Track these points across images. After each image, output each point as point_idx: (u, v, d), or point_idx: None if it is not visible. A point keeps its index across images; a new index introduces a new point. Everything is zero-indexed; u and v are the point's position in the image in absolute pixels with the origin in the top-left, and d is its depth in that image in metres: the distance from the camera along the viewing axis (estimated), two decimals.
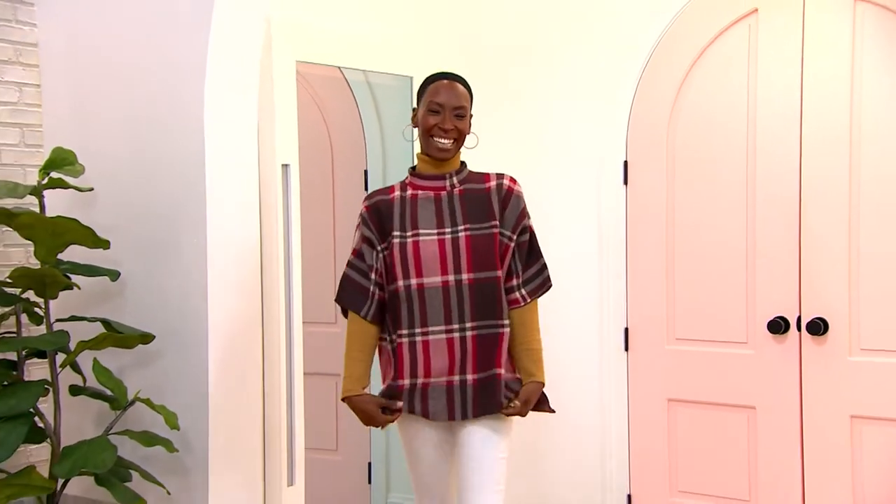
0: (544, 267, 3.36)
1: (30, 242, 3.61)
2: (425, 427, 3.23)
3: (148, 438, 3.52)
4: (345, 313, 3.30)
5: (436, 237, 3.13)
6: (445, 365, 3.12)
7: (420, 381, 3.13)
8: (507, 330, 3.19)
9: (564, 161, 5.11)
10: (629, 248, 4.91)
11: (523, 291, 3.27)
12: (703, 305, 4.73)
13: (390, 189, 3.27)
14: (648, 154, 4.84)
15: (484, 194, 3.23)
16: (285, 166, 4.32)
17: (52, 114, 4.03)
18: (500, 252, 3.20)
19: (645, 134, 4.85)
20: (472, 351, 3.13)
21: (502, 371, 3.17)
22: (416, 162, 3.35)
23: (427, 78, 3.30)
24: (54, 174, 3.54)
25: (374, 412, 3.17)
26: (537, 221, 5.11)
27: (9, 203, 3.65)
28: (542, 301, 4.97)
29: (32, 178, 3.88)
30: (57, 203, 3.76)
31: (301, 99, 4.89)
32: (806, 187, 4.40)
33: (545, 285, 3.35)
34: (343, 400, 3.23)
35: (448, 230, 3.15)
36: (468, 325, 3.12)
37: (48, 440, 3.49)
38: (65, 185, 3.53)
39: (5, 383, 3.38)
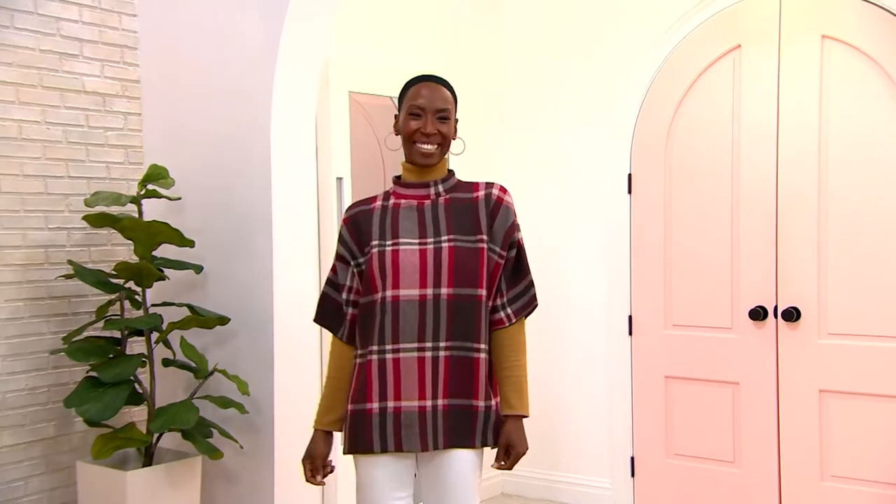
0: (531, 285, 2.71)
1: (130, 242, 3.63)
2: (387, 459, 2.54)
3: (224, 402, 3.56)
4: (323, 327, 2.80)
5: (417, 247, 2.54)
6: (415, 387, 2.49)
7: (391, 404, 2.49)
8: (483, 356, 2.55)
9: (578, 173, 5.11)
10: (632, 247, 4.92)
11: (508, 311, 2.64)
12: (695, 296, 4.73)
13: (372, 199, 2.70)
14: (649, 168, 4.85)
15: (471, 204, 2.61)
16: (339, 179, 4.39)
17: (150, 137, 4.08)
18: (489, 270, 2.58)
19: (646, 151, 4.86)
20: (443, 374, 2.50)
21: (480, 403, 2.52)
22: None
23: (408, 81, 2.71)
24: (150, 186, 3.58)
25: (315, 464, 2.66)
26: (555, 226, 5.22)
27: (115, 210, 3.71)
28: (557, 294, 5.06)
29: (133, 190, 3.88)
30: (152, 210, 3.81)
31: (357, 122, 4.95)
32: (781, 197, 4.44)
33: (531, 304, 2.70)
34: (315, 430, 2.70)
35: (430, 240, 2.55)
36: (442, 344, 2.50)
37: (145, 402, 3.54)
38: (158, 195, 3.58)
39: (111, 356, 3.45)
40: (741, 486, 4.59)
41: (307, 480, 2.66)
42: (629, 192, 4.92)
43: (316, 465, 2.65)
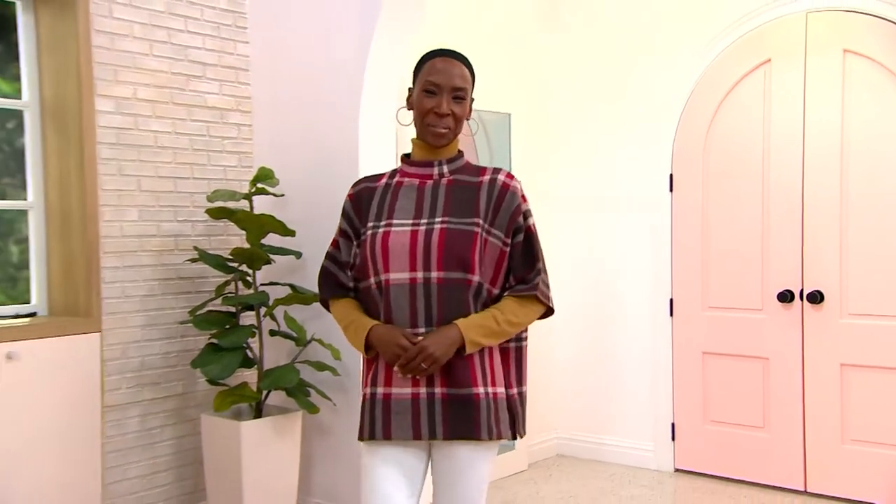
0: (538, 273, 2.22)
1: (243, 231, 3.80)
2: (388, 450, 2.17)
3: (320, 366, 3.63)
4: (325, 304, 2.35)
5: (409, 228, 2.14)
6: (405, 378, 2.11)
7: (380, 390, 2.13)
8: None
9: (625, 174, 5.09)
10: (673, 238, 4.89)
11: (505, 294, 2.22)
12: (728, 281, 4.70)
13: (380, 177, 2.31)
14: (688, 169, 4.83)
15: (473, 188, 2.19)
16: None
17: (259, 144, 4.15)
18: (491, 257, 2.16)
19: (686, 153, 4.83)
20: None
21: (481, 390, 2.11)
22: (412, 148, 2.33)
23: (424, 55, 2.28)
24: (260, 185, 3.71)
25: (399, 333, 2.09)
26: (605, 221, 5.24)
27: (231, 205, 3.93)
28: (608, 281, 5.07)
29: (245, 188, 4.07)
30: (261, 204, 4.00)
31: None
32: (807, 193, 4.39)
33: (531, 290, 2.19)
34: (368, 336, 2.15)
35: (424, 221, 2.15)
36: (434, 330, 2.11)
37: (255, 365, 3.68)
38: (266, 193, 3.69)
39: (227, 327, 3.59)
40: (769, 449, 4.56)
41: (401, 365, 2.07)
42: (671, 190, 4.89)
43: (401, 343, 2.08)
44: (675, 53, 4.86)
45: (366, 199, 2.27)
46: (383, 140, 3.92)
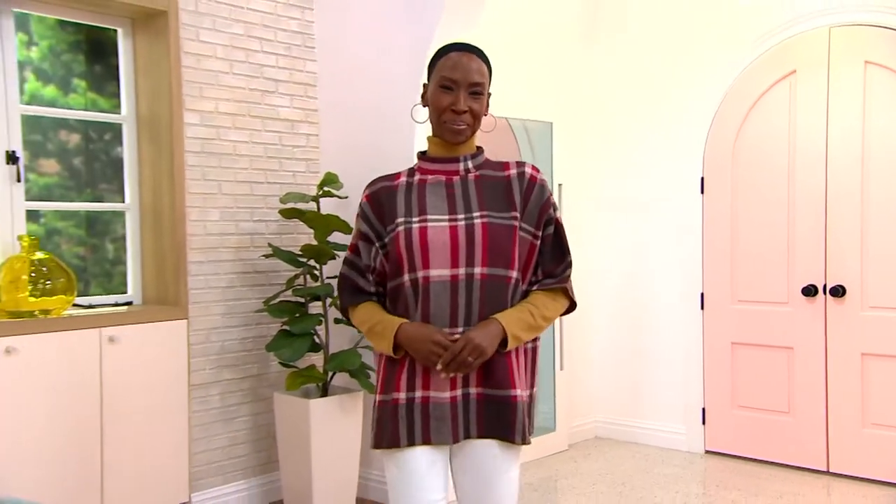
0: (568, 265, 2.07)
1: (312, 230, 3.97)
2: (422, 452, 1.95)
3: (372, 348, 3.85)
4: (345, 313, 2.14)
5: (447, 223, 1.93)
6: (448, 378, 1.91)
7: (419, 394, 1.92)
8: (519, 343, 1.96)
9: (661, 177, 5.11)
10: (704, 236, 4.93)
11: (533, 288, 2.04)
12: (756, 276, 4.73)
13: (396, 175, 2.08)
14: (718, 172, 4.87)
15: (504, 182, 2.01)
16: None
17: (325, 151, 4.26)
18: (523, 251, 1.99)
19: (716, 158, 4.87)
20: None
21: (519, 392, 1.94)
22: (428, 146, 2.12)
23: (439, 49, 2.06)
24: (325, 188, 3.81)
25: (433, 330, 1.90)
26: (641, 221, 5.23)
27: (300, 206, 4.06)
28: (643, 276, 5.08)
29: (313, 191, 4.19)
30: (327, 206, 4.12)
31: (478, 136, 5.33)
32: (830, 194, 4.44)
33: (560, 283, 2.05)
34: (396, 336, 1.94)
35: (462, 216, 1.94)
36: None
37: (321, 350, 3.79)
38: (332, 195, 3.80)
39: (297, 315, 3.71)
40: (794, 432, 4.60)
41: (440, 363, 1.88)
42: (702, 192, 4.92)
43: (438, 339, 1.89)
44: (707, 66, 4.89)
45: (386, 199, 2.03)
46: None
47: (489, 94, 2.06)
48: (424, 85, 2.10)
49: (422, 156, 2.10)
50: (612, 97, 5.36)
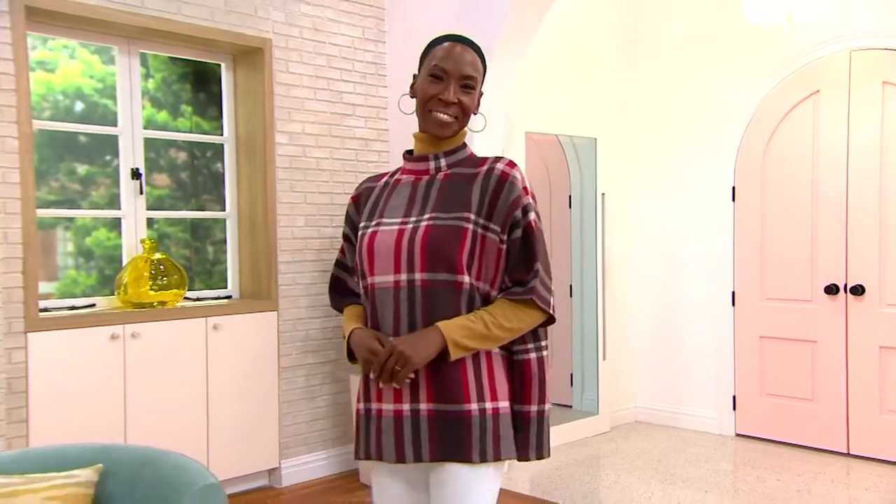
0: (534, 275, 1.70)
1: None
2: (385, 476, 1.77)
3: None
4: (340, 311, 1.94)
5: (396, 227, 1.71)
6: (390, 389, 1.68)
7: (374, 406, 1.71)
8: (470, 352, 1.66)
9: (696, 186, 5.17)
10: (735, 240, 4.97)
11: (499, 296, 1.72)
12: (782, 276, 4.77)
13: (381, 176, 1.88)
14: (748, 181, 4.91)
15: (469, 180, 1.72)
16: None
17: (395, 166, 4.34)
18: (489, 254, 1.68)
19: (746, 169, 4.92)
20: (424, 374, 1.65)
21: (473, 406, 1.65)
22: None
23: (433, 40, 1.81)
24: None
25: (371, 336, 1.67)
26: (678, 226, 5.26)
27: None
28: (679, 276, 5.16)
29: None
30: None
31: (530, 151, 5.24)
32: (851, 202, 4.50)
33: (524, 295, 1.69)
34: (348, 342, 1.75)
35: (412, 219, 1.71)
36: None
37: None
38: None
39: None
40: (817, 417, 4.65)
41: (372, 372, 1.65)
42: (733, 200, 4.97)
43: (371, 346, 1.65)
44: (737, 86, 4.95)
45: (365, 199, 1.85)
46: (491, 147, 4.07)
47: (481, 93, 1.81)
48: (414, 76, 1.83)
49: (406, 155, 1.86)
50: (651, 114, 5.41)
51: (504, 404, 1.71)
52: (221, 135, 4.23)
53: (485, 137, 4.08)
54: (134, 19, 3.54)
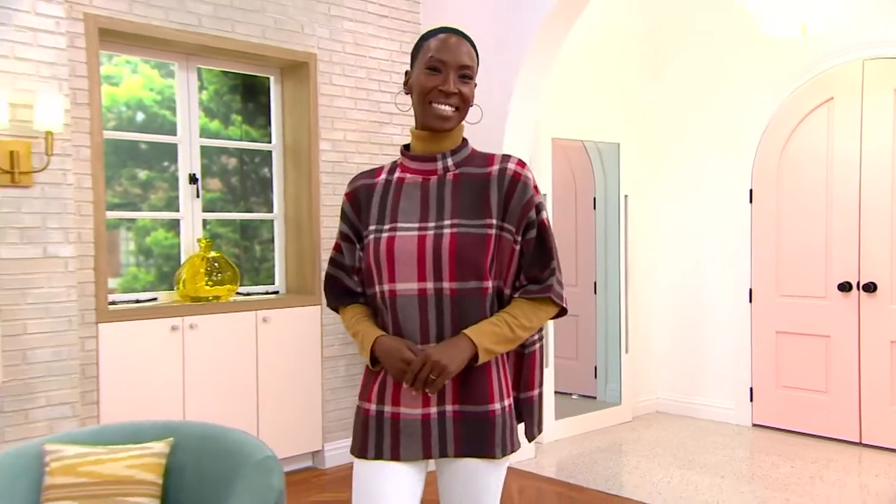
0: (552, 272, 1.71)
1: None
2: (393, 469, 1.68)
3: None
4: (336, 310, 1.85)
5: (416, 233, 1.65)
6: (419, 394, 1.64)
7: (388, 409, 1.66)
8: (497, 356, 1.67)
9: (715, 189, 5.21)
10: (752, 240, 5.02)
11: (516, 295, 1.71)
12: (798, 274, 4.82)
13: (377, 171, 1.78)
14: (765, 184, 4.96)
15: (483, 182, 1.68)
16: (544, 195, 4.58)
17: None
18: (504, 255, 1.67)
19: (763, 172, 4.97)
20: (451, 380, 1.64)
21: (496, 406, 1.66)
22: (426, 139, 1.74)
23: (425, 33, 1.74)
24: None
25: (403, 345, 1.63)
26: (698, 227, 5.30)
27: None
28: (700, 274, 5.20)
29: None
30: None
31: (556, 156, 5.37)
32: (863, 204, 4.55)
33: (544, 292, 1.69)
34: (373, 349, 1.67)
35: (432, 224, 1.65)
36: None
37: None
38: None
39: None
40: (830, 408, 4.70)
41: (405, 381, 1.62)
42: (750, 201, 5.02)
43: (405, 356, 1.62)
44: (755, 93, 5.01)
45: (364, 197, 1.75)
46: (520, 152, 4.27)
47: (475, 84, 1.75)
48: (407, 72, 1.75)
49: (405, 150, 1.77)
50: (672, 121, 5.46)
51: (511, 399, 1.72)
52: (270, 142, 4.43)
53: (513, 143, 4.20)
54: (192, 38, 3.76)
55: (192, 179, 4.08)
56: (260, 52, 3.99)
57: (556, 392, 5.27)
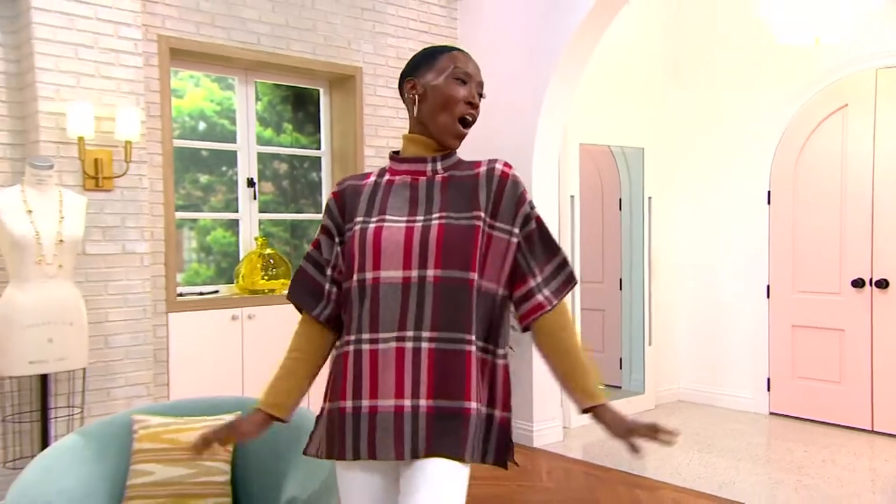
0: (565, 261, 1.67)
1: None
2: (362, 471, 1.59)
3: None
4: (298, 307, 1.73)
5: (404, 224, 1.59)
6: (392, 383, 1.52)
7: (366, 403, 1.53)
8: (476, 351, 1.55)
9: (734, 191, 5.24)
10: (770, 239, 5.06)
11: (546, 293, 1.63)
12: (813, 271, 4.86)
13: (366, 175, 1.73)
14: (782, 186, 5.00)
15: (471, 181, 1.63)
16: (572, 196, 4.77)
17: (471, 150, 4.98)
18: (497, 252, 1.60)
19: (780, 175, 5.00)
20: (427, 369, 1.52)
21: (473, 405, 1.52)
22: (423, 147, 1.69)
23: (436, 48, 1.69)
24: None
25: (215, 435, 1.62)
26: (718, 227, 5.34)
27: None
28: (720, 271, 5.29)
29: None
30: None
31: (586, 160, 5.45)
32: (876, 204, 4.58)
33: (570, 282, 1.66)
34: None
35: (420, 217, 1.60)
36: (425, 334, 1.53)
37: None
38: None
39: None
40: (844, 398, 4.75)
41: (197, 451, 1.63)
42: (768, 203, 5.06)
43: (219, 433, 1.62)
44: (773, 100, 5.05)
45: (350, 197, 1.69)
46: (549, 167, 4.41)
47: None
48: (410, 80, 1.68)
49: (394, 156, 1.73)
50: (693, 126, 5.50)
51: (493, 412, 1.61)
52: (318, 148, 4.68)
53: (543, 148, 4.31)
54: (251, 55, 4.02)
55: (250, 183, 4.34)
56: (311, 66, 4.24)
57: None
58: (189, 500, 2.35)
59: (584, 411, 1.61)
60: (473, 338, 1.53)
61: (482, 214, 1.59)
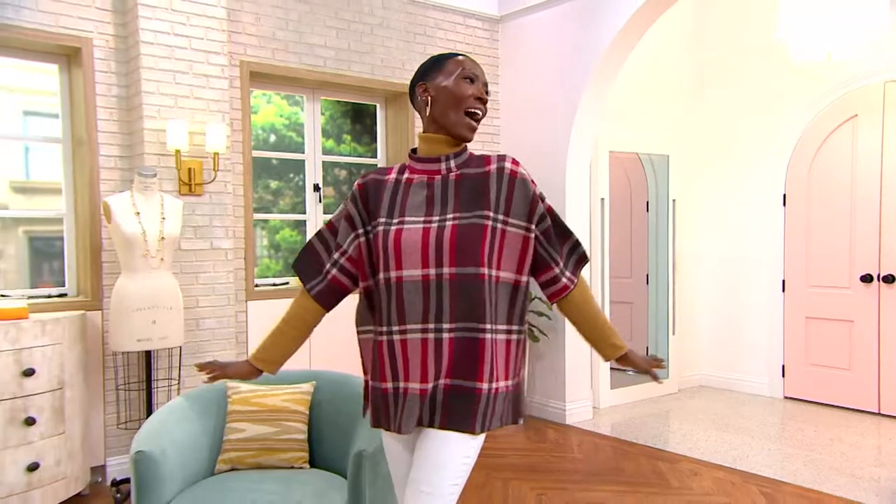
0: (577, 242, 1.78)
1: None
2: (395, 441, 1.78)
3: (539, 313, 4.34)
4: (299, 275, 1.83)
5: (421, 225, 1.65)
6: (419, 370, 1.65)
7: (402, 385, 1.66)
8: (489, 336, 1.63)
9: (752, 194, 5.29)
10: (785, 238, 5.11)
11: (568, 274, 1.75)
12: (825, 267, 4.91)
13: (388, 170, 1.78)
14: (797, 190, 5.04)
15: (482, 179, 1.68)
16: (602, 199, 4.83)
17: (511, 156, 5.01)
18: (513, 247, 1.68)
19: (795, 178, 5.05)
20: (447, 356, 1.63)
21: (484, 385, 1.63)
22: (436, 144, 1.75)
23: (442, 54, 1.75)
24: None
25: (216, 366, 1.84)
26: (737, 227, 5.40)
27: None
28: (738, 268, 5.31)
29: None
30: None
31: (616, 166, 5.57)
32: (883, 206, 4.64)
33: (583, 260, 1.78)
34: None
35: (436, 218, 1.66)
36: (445, 325, 1.63)
37: None
38: None
39: None
40: (853, 384, 4.81)
41: (199, 369, 1.84)
42: (784, 205, 5.11)
43: (216, 367, 1.84)
44: (789, 111, 5.10)
45: (373, 191, 1.74)
46: (581, 173, 4.51)
47: None
48: (421, 84, 1.74)
49: (412, 154, 1.77)
50: (715, 135, 5.54)
51: (503, 384, 1.68)
52: (375, 157, 4.97)
53: (576, 155, 4.41)
54: (318, 76, 4.34)
55: (316, 188, 4.66)
56: (369, 85, 4.53)
57: (611, 368, 5.52)
58: (274, 453, 2.62)
59: (614, 359, 1.79)
60: (489, 326, 1.62)
61: (491, 213, 1.64)
